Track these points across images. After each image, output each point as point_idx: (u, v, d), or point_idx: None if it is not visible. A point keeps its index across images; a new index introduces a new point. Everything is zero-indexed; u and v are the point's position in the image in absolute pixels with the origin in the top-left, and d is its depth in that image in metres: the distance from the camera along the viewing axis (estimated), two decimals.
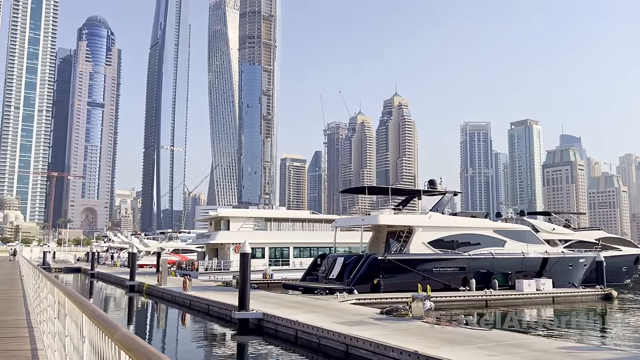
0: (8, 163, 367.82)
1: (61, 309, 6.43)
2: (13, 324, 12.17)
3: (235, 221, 54.86)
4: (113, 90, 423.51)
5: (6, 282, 28.30)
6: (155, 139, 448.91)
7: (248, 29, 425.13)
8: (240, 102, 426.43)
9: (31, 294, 17.08)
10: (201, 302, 28.23)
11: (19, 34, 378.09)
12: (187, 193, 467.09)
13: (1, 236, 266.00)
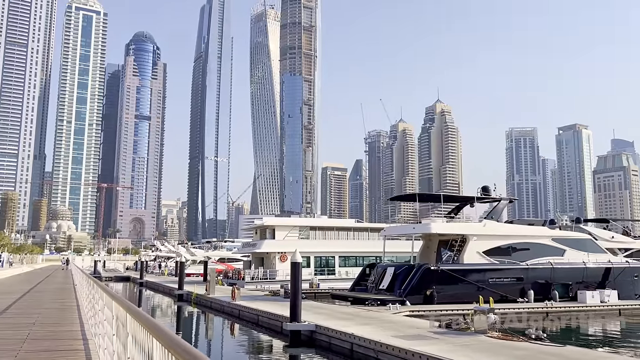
0: (61, 175, 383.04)
1: (120, 325, 5.84)
2: (68, 335, 11.88)
3: (280, 230, 54.59)
4: (159, 103, 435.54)
5: (60, 291, 28.66)
6: (199, 149, 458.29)
7: (289, 40, 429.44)
8: (281, 112, 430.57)
9: (84, 303, 16.94)
10: (250, 312, 27.76)
11: (71, 51, 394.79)
12: (231, 203, 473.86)
13: (55, 245, 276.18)
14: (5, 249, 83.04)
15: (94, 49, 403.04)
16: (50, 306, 18.87)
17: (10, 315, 15.88)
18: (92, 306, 12.52)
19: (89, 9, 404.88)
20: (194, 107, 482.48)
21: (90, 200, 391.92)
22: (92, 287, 12.45)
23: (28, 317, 15.11)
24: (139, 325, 4.42)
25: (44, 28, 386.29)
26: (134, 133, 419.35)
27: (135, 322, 4.68)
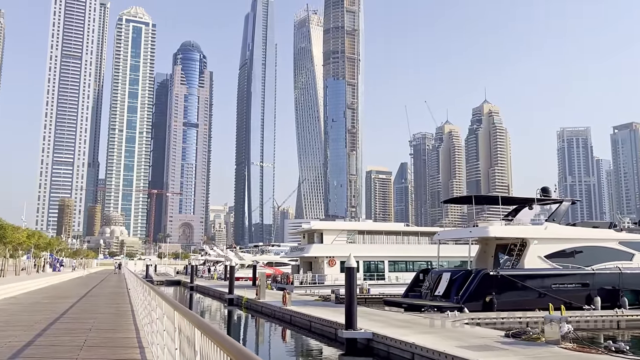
0: (114, 182, 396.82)
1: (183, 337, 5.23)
2: (124, 342, 11.55)
3: (328, 234, 53.92)
4: (206, 110, 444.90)
5: (114, 295, 28.93)
6: (245, 155, 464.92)
7: (332, 45, 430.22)
8: (325, 116, 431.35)
9: (139, 309, 16.74)
10: (302, 318, 27.14)
11: (122, 62, 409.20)
12: (276, 207, 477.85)
13: (108, 250, 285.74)
14: (62, 254, 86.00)
15: (143, 59, 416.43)
16: (105, 311, 18.83)
17: (67, 320, 15.82)
18: (147, 313, 12.17)
19: (138, 21, 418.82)
20: (239, 114, 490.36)
21: (141, 206, 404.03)
22: (148, 294, 12.09)
23: (84, 323, 14.98)
24: (212, 344, 3.74)
25: (96, 41, 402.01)
26: (182, 140, 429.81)
27: (205, 338, 4.00)
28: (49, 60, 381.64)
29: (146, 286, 12.37)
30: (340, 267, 52.33)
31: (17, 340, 11.32)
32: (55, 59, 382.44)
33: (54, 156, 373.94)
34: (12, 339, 11.62)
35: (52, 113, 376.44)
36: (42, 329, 13.27)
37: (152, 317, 9.99)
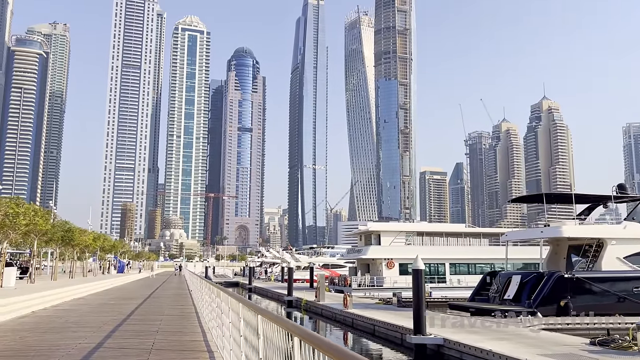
0: (173, 186, 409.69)
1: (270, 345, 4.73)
2: (192, 346, 11.18)
3: (386, 236, 52.83)
4: (259, 115, 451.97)
5: (177, 297, 29.13)
6: (298, 158, 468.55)
7: (383, 45, 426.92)
8: (377, 117, 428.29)
9: (204, 311, 16.49)
10: (366, 322, 26.33)
11: (178, 70, 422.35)
12: (329, 209, 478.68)
13: (168, 253, 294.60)
14: (126, 256, 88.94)
15: (198, 66, 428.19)
16: (170, 313, 18.75)
17: (134, 321, 15.76)
18: (215, 316, 11.78)
19: (193, 29, 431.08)
20: (292, 117, 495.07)
21: (199, 210, 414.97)
22: (217, 295, 11.68)
23: (151, 324, 14.83)
24: (307, 347, 3.30)
25: (154, 50, 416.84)
26: (237, 145, 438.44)
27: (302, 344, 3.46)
28: (110, 71, 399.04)
29: (213, 287, 11.97)
30: (399, 269, 51.17)
31: (87, 342, 11.18)
32: (116, 69, 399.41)
33: (117, 163, 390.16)
34: (82, 340, 11.51)
35: (114, 121, 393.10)
36: (110, 331, 13.16)
37: (222, 321, 9.50)
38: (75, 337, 12.06)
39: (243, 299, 6.59)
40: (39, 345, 10.85)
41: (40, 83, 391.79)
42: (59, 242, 36.13)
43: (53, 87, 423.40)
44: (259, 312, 5.14)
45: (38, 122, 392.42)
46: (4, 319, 15.23)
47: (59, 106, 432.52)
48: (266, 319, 4.69)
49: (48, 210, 33.95)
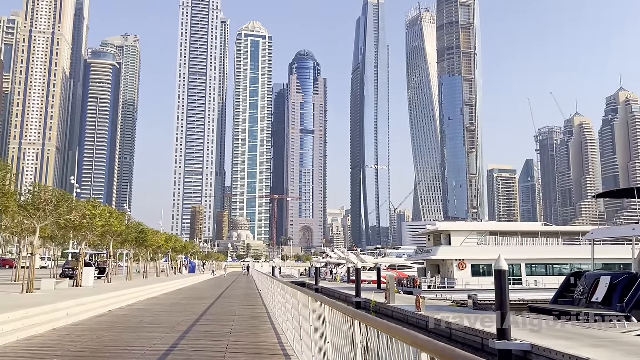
0: (239, 189, 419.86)
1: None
2: (267, 349, 10.66)
3: (457, 235, 50.81)
4: (321, 117, 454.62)
5: (247, 297, 29.07)
6: (360, 159, 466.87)
7: (446, 41, 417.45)
8: (441, 115, 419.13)
9: (276, 312, 16.05)
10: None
11: (242, 75, 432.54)
12: (393, 210, 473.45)
13: (236, 253, 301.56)
14: (196, 257, 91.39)
15: (261, 71, 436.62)
16: (241, 313, 18.47)
17: (206, 322, 15.54)
18: (289, 317, 11.22)
19: (256, 35, 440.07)
20: (353, 118, 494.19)
21: (264, 211, 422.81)
22: (290, 294, 11.10)
23: (223, 325, 14.52)
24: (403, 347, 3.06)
25: (219, 57, 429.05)
26: (299, 147, 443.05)
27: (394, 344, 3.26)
28: (178, 79, 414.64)
29: (289, 288, 11.39)
30: (472, 270, 49.11)
31: (161, 344, 10.92)
32: (183, 77, 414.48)
33: (186, 167, 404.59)
34: (156, 341, 11.28)
35: (182, 127, 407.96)
36: (184, 332, 12.92)
37: (299, 323, 8.86)
38: (150, 337, 11.87)
39: (331, 301, 5.84)
40: (115, 345, 10.69)
41: (114, 93, 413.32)
42: (133, 243, 37.20)
43: (126, 96, 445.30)
44: (357, 317, 4.35)
45: (113, 130, 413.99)
46: (82, 318, 15.43)
47: (132, 114, 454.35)
48: (370, 325, 3.95)
49: (123, 212, 35.00)
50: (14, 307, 13.91)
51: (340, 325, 5.20)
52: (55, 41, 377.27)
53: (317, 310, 6.65)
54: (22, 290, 19.80)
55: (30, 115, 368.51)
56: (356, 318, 4.50)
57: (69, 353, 9.61)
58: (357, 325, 4.51)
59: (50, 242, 38.31)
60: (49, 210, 20.32)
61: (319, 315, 6.34)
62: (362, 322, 4.37)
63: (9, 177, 15.12)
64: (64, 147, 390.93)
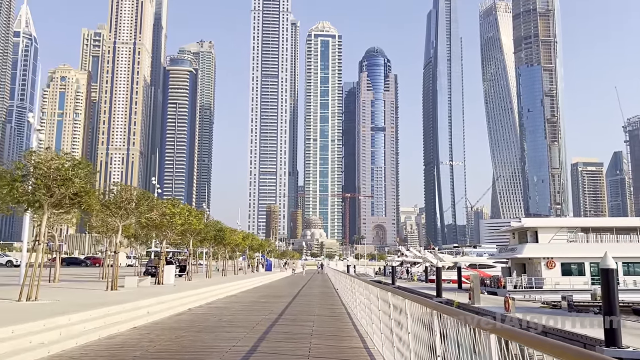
0: (311, 188, 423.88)
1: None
2: (353, 353, 9.77)
3: (544, 232, 47.62)
4: (392, 113, 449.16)
5: (324, 295, 28.41)
6: (433, 155, 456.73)
7: (523, 30, 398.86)
8: (519, 107, 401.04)
9: (358, 313, 15.16)
10: (536, 329, 23.12)
11: (312, 75, 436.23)
12: (469, 207, 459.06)
13: (310, 252, 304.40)
14: (272, 255, 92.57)
15: (331, 70, 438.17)
16: (320, 313, 17.73)
17: (286, 322, 14.91)
18: (374, 319, 10.28)
19: (325, 34, 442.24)
20: (425, 113, 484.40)
21: (337, 210, 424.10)
22: (374, 294, 10.14)
23: (303, 326, 13.80)
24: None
25: (289, 59, 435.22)
26: (370, 145, 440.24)
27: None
28: (251, 82, 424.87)
29: (373, 287, 10.42)
30: (562, 269, 45.88)
31: (240, 345, 10.32)
32: (256, 79, 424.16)
33: (260, 167, 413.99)
34: (235, 342, 10.71)
35: (256, 129, 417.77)
36: (263, 332, 12.31)
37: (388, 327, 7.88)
38: (228, 338, 11.35)
39: (441, 305, 4.69)
40: (193, 346, 10.23)
41: (191, 98, 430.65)
42: (211, 241, 37.70)
43: (202, 100, 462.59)
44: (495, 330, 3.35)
45: (191, 133, 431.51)
46: (163, 316, 15.29)
47: (208, 118, 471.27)
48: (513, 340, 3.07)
49: (201, 210, 35.54)
50: (97, 304, 13.94)
51: (454, 334, 4.34)
52: (137, 51, 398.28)
53: (418, 315, 5.63)
54: (107, 288, 20.20)
55: (116, 121, 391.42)
56: (493, 330, 3.31)
57: (147, 354, 9.22)
58: (493, 340, 3.30)
59: (135, 241, 39.66)
60: (130, 208, 20.61)
61: (422, 322, 5.31)
62: (499, 335, 3.27)
63: (91, 176, 15.23)
64: (146, 151, 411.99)
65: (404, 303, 6.56)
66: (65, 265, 74.49)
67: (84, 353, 9.19)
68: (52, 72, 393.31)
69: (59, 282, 25.99)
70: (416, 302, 5.67)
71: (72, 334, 10.34)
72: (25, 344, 8.80)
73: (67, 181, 14.34)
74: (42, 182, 13.99)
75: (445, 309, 4.65)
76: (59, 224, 26.17)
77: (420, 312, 5.52)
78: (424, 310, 5.26)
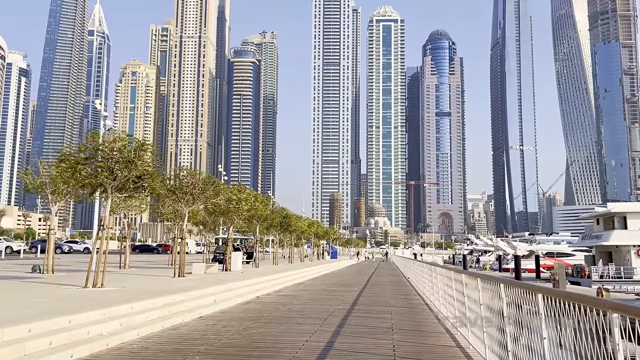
0: (374, 176, 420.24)
1: None
2: (445, 353, 8.37)
3: (634, 218, 43.71)
4: (458, 98, 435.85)
5: (396, 285, 26.99)
6: (503, 140, 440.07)
7: (599, 5, 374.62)
8: (595, 87, 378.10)
9: (439, 305, 13.66)
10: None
11: (374, 62, 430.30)
12: (541, 193, 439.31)
13: (374, 240, 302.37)
14: (337, 243, 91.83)
15: (394, 55, 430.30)
16: (396, 304, 16.37)
17: (360, 313, 13.66)
18: (462, 312, 8.82)
19: (387, 19, 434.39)
20: (493, 97, 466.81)
21: (400, 198, 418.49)
22: (470, 287, 8.66)
23: (381, 319, 12.49)
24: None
25: (351, 46, 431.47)
26: (435, 130, 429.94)
27: None
28: (313, 71, 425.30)
29: (470, 278, 8.92)
30: None
31: (314, 341, 9.16)
32: (318, 68, 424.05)
33: (323, 156, 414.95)
34: (308, 336, 9.58)
35: (318, 118, 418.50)
36: (338, 325, 11.13)
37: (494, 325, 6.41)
38: (300, 331, 10.24)
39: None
40: (263, 340, 9.17)
41: (255, 88, 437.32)
42: (277, 227, 37.14)
43: (266, 91, 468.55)
44: None
45: (255, 124, 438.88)
46: (230, 304, 14.49)
47: (272, 108, 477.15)
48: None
49: (267, 196, 34.99)
50: (163, 292, 13.29)
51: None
52: (202, 44, 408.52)
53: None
54: (174, 275, 19.79)
55: (184, 114, 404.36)
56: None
57: (212, 349, 8.25)
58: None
59: (204, 229, 39.89)
60: (196, 194, 20.07)
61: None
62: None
63: (155, 158, 14.57)
64: (213, 141, 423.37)
65: (533, 296, 5.09)
66: (138, 253, 77.17)
67: (144, 346, 8.34)
68: (124, 68, 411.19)
69: (129, 268, 26.11)
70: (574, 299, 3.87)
71: (134, 324, 9.58)
72: (82, 335, 8.05)
73: (130, 164, 13.74)
74: (104, 165, 13.44)
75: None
76: (128, 211, 26.23)
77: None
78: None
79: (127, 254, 27.01)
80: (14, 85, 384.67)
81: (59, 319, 8.08)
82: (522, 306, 5.69)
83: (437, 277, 14.34)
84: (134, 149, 14.04)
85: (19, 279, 17.71)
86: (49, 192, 19.87)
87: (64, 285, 14.51)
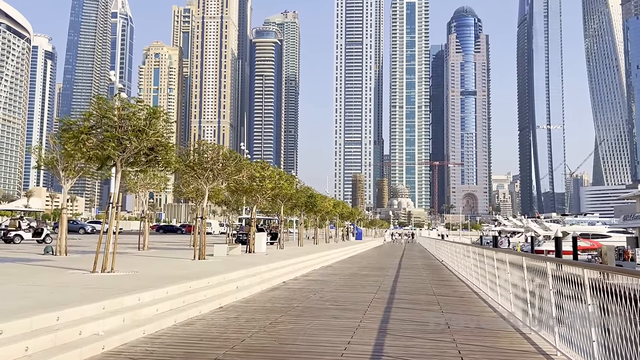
0: (397, 156, 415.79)
1: None
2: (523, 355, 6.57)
3: None
4: (483, 76, 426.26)
5: (430, 268, 25.15)
6: (529, 119, 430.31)
7: None
8: (627, 64, 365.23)
9: (488, 292, 11.78)
10: None
11: (398, 40, 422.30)
12: (569, 174, 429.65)
13: (397, 221, 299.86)
14: (361, 224, 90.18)
15: (418, 34, 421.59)
16: (440, 292, 14.53)
17: (403, 303, 11.88)
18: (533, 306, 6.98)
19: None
20: (520, 75, 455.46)
21: (424, 178, 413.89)
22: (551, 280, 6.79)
23: (430, 311, 10.69)
24: None
25: (374, 24, 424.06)
26: (460, 110, 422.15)
27: None
28: (335, 50, 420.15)
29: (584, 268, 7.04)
30: None
31: (357, 343, 7.41)
32: (340, 47, 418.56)
33: (345, 136, 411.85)
34: (349, 335, 7.85)
35: (340, 98, 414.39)
36: (381, 320, 9.37)
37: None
38: (338, 328, 8.50)
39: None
40: (295, 342, 7.43)
41: (277, 69, 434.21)
42: (302, 207, 35.55)
43: (287, 71, 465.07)
44: None
45: (277, 105, 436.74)
46: (254, 292, 12.87)
47: (294, 89, 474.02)
48: None
49: (292, 175, 33.34)
50: (179, 278, 11.73)
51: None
52: (224, 24, 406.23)
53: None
54: (194, 257, 18.31)
55: (207, 95, 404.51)
56: None
57: (233, 353, 6.57)
58: None
59: (227, 209, 38.60)
60: (217, 169, 18.48)
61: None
62: None
63: (169, 127, 12.89)
64: (236, 123, 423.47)
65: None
66: (161, 233, 76.69)
67: (148, 350, 6.70)
68: (147, 50, 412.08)
69: (148, 249, 24.84)
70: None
71: (140, 319, 7.96)
72: (72, 336, 6.43)
73: (140, 133, 12.09)
74: (111, 134, 11.82)
75: None
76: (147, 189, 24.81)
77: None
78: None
79: (147, 234, 25.73)
80: (40, 68, 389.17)
81: (45, 316, 6.49)
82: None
83: (480, 258, 12.42)
84: (145, 117, 12.41)
85: (26, 261, 16.43)
86: (61, 169, 18.54)
87: (70, 270, 13.08)
